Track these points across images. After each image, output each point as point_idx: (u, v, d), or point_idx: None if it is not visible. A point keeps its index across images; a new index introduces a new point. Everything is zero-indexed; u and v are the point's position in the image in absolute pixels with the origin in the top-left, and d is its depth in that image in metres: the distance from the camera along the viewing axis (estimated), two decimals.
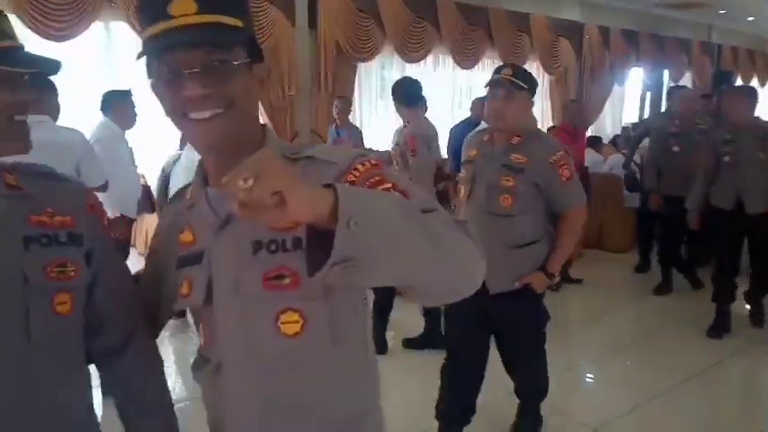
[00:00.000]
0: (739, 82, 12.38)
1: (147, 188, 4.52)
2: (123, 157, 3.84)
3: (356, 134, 5.83)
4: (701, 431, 3.00)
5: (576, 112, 5.81)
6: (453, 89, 8.43)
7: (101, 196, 3.16)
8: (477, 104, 5.27)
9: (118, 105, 3.84)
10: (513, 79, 2.44)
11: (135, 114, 3.92)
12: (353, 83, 7.04)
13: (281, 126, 6.51)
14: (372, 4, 6.94)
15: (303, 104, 6.75)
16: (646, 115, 10.81)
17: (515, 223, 2.45)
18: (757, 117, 4.14)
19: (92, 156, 3.28)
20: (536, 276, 2.48)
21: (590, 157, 6.46)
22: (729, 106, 4.12)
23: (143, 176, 4.65)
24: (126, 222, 3.88)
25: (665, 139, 4.75)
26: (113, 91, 3.93)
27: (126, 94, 3.89)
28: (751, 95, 4.08)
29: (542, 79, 9.25)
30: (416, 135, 3.70)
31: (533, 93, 2.54)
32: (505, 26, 8.34)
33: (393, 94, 3.92)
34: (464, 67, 8.03)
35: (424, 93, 4.32)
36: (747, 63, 12.73)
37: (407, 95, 3.85)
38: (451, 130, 5.66)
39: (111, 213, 3.64)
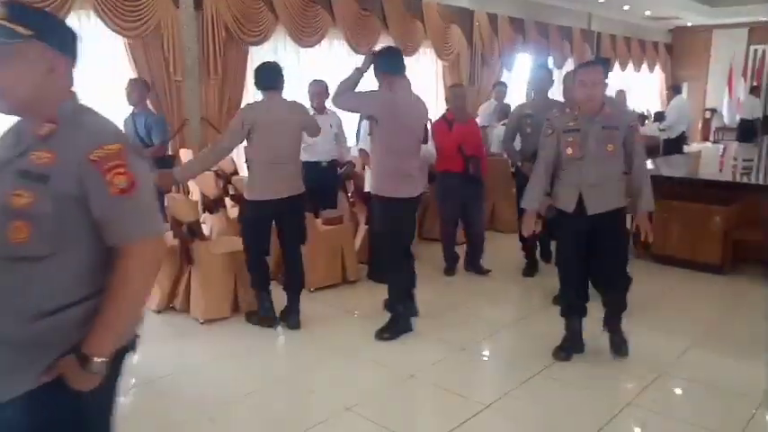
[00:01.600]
0: (616, 68, 13.23)
1: None
2: None
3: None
4: (585, 399, 3.17)
5: (454, 98, 5.22)
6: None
7: None
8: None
9: None
10: (7, 24, 1.38)
11: None
12: (245, 67, 6.80)
13: (168, 113, 6.19)
14: None
15: (191, 90, 6.45)
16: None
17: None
18: (610, 100, 3.61)
19: None
20: (66, 365, 1.39)
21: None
22: (571, 88, 3.59)
23: None
24: None
25: (522, 119, 4.90)
26: None
27: None
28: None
29: (436, 65, 9.43)
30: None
31: (47, 38, 1.43)
32: (399, 12, 8.38)
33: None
34: (359, 53, 7.99)
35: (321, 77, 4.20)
36: (624, 50, 13.60)
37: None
38: None
39: None
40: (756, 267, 5.14)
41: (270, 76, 3.76)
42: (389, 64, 3.64)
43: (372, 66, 3.69)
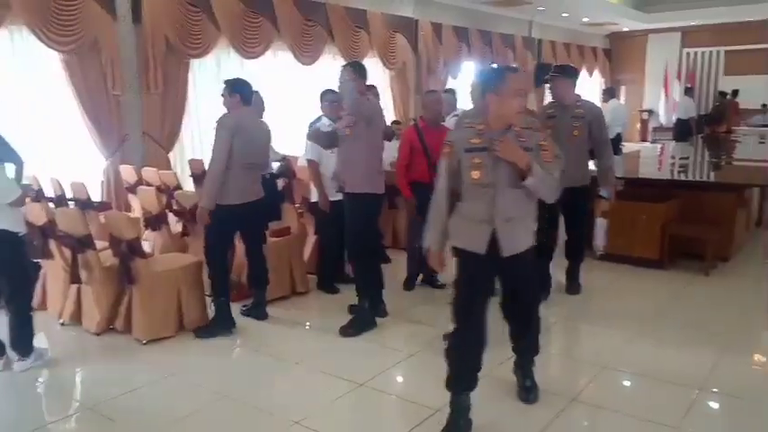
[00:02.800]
0: None
1: None
2: None
3: None
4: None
5: (432, 103, 4.80)
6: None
7: None
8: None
9: None
10: None
11: None
12: (185, 80, 6.70)
13: (107, 128, 6.03)
14: None
15: (131, 105, 6.30)
16: None
17: None
18: (578, 96, 4.49)
19: None
20: None
21: None
22: (554, 85, 4.49)
23: None
24: None
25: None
26: None
27: None
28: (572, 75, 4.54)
29: (384, 74, 9.49)
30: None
31: None
32: (343, 22, 8.41)
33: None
34: (304, 63, 7.98)
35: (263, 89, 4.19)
36: (564, 55, 13.99)
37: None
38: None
39: None
40: (694, 261, 5.33)
41: (250, 94, 4.13)
42: (361, 73, 4.04)
43: (347, 75, 3.95)
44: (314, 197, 4.76)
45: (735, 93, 13.39)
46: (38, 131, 5.88)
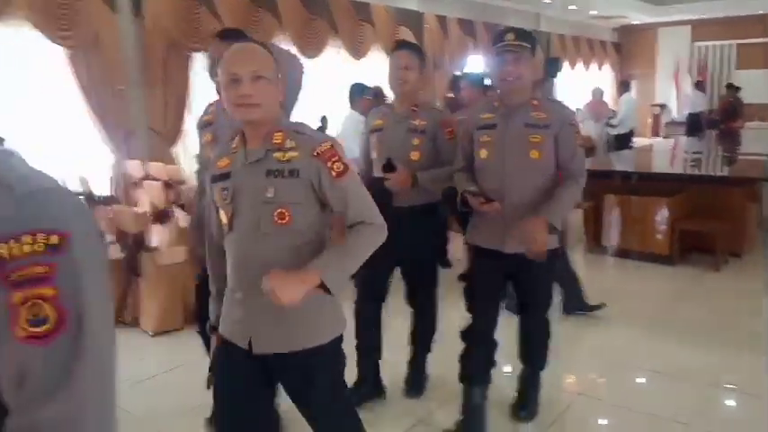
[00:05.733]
0: (566, 68, 13.45)
1: None
2: None
3: None
4: None
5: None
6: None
7: None
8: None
9: None
10: None
11: None
12: (187, 75, 6.64)
13: (113, 123, 5.98)
14: None
15: (135, 100, 6.25)
16: None
17: None
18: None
19: None
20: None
21: None
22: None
23: None
24: None
25: None
26: None
27: None
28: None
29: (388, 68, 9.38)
30: None
31: None
32: (347, 16, 8.33)
33: None
34: (308, 56, 7.90)
35: None
36: (573, 49, 13.83)
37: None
38: None
39: None
40: (705, 257, 5.22)
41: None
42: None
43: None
44: None
45: (736, 89, 13.02)
46: (44, 127, 5.86)
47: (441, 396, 3.01)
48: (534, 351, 2.82)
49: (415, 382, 3.12)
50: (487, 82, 4.39)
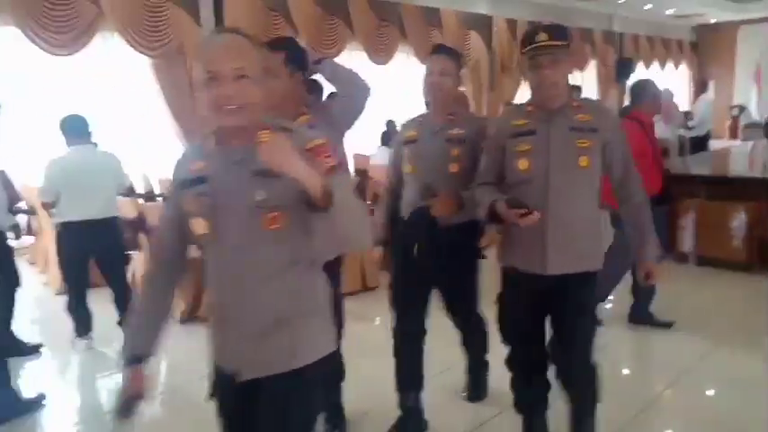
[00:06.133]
0: (641, 68, 13.09)
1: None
2: None
3: None
4: None
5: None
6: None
7: None
8: None
9: None
10: None
11: None
12: None
13: (192, 128, 6.35)
14: (282, 1, 6.88)
15: None
16: None
17: None
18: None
19: None
20: None
21: None
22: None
23: None
24: None
25: None
26: None
27: None
28: None
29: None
30: None
31: None
32: (417, 22, 8.46)
33: None
34: (377, 63, 8.09)
35: None
36: (647, 50, 13.44)
37: None
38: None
39: None
40: None
41: None
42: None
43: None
44: None
45: None
46: (129, 131, 6.29)
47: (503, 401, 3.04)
48: (582, 399, 2.40)
49: (475, 386, 3.10)
50: None
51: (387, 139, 7.01)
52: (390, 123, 7.52)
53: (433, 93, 2.61)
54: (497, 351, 2.65)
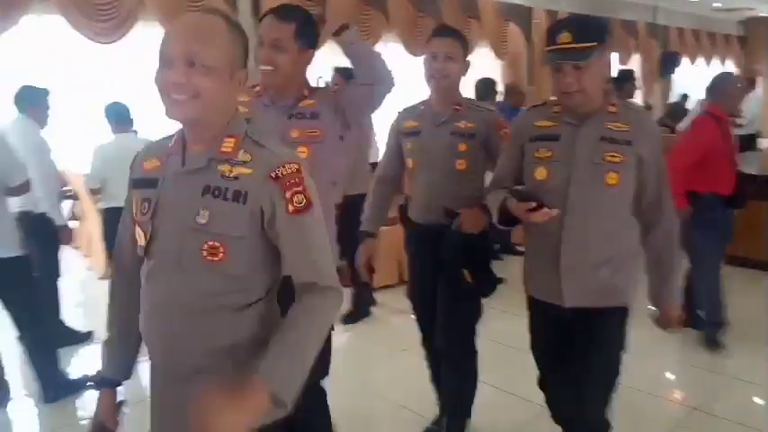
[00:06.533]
0: (686, 62, 12.70)
1: None
2: (42, 156, 3.66)
3: None
4: None
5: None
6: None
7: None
8: None
9: (34, 103, 3.71)
10: None
11: (47, 114, 3.78)
12: None
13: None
14: None
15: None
16: None
17: None
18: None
19: (9, 153, 3.13)
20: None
21: None
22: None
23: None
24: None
25: None
26: (29, 87, 3.76)
27: (42, 93, 3.75)
28: None
29: (495, 64, 9.29)
30: None
31: None
32: (455, 12, 8.33)
33: None
34: (414, 54, 7.98)
35: None
36: (693, 44, 13.03)
37: None
38: None
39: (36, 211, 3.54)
40: None
41: None
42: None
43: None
44: None
45: None
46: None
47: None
48: None
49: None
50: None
51: None
52: None
53: (437, 80, 2.39)
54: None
